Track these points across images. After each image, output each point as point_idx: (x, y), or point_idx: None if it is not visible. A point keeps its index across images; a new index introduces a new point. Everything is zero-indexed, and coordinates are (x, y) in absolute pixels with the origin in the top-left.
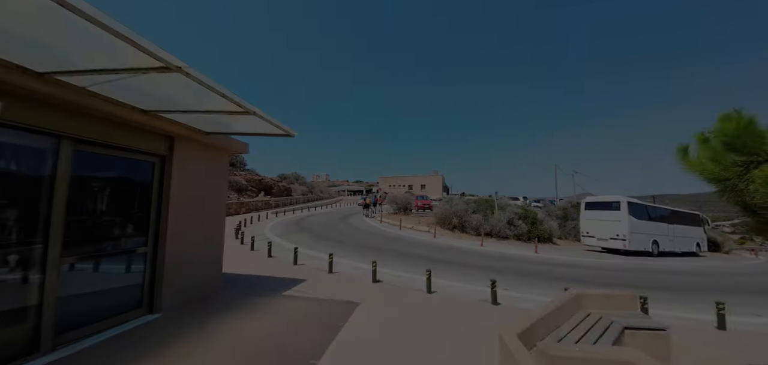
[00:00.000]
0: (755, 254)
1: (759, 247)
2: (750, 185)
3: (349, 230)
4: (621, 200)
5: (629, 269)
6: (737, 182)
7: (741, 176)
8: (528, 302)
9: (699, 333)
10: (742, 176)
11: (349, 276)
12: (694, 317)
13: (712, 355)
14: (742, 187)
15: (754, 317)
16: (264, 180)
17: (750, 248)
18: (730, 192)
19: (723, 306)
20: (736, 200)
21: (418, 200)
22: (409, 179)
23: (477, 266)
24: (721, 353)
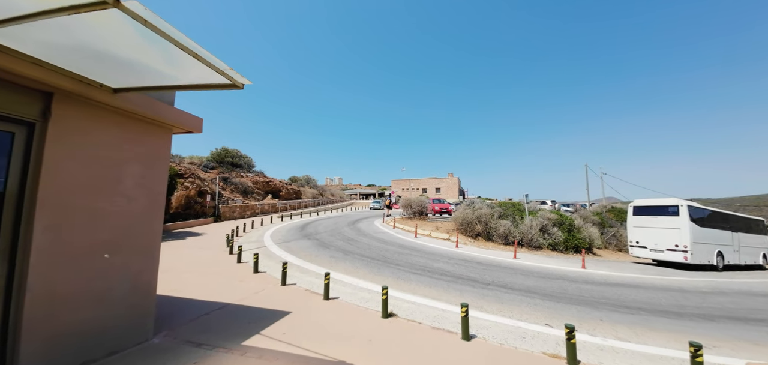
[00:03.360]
0: None
1: None
2: None
3: (357, 237)
4: (680, 204)
5: (709, 290)
6: None
7: None
8: (619, 356)
9: None
10: None
11: (351, 306)
12: None
13: None
14: None
15: None
16: (272, 182)
17: None
18: None
19: None
20: None
21: (434, 204)
22: (423, 182)
23: (520, 289)
24: None
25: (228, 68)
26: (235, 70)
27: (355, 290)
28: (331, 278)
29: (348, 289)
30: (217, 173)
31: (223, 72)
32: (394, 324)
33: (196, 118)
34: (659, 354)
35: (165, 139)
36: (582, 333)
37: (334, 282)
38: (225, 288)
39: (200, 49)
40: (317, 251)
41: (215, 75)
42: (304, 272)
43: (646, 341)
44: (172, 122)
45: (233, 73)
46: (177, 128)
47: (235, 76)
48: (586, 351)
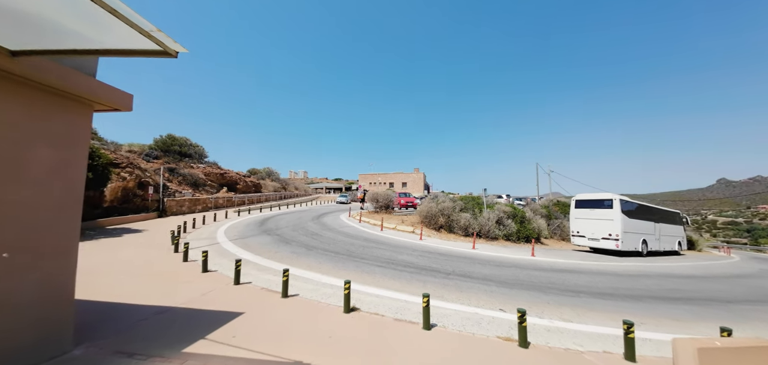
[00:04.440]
0: (727, 252)
1: (726, 245)
2: None
3: (322, 231)
4: (613, 198)
5: (637, 274)
6: None
7: None
8: (564, 335)
9: None
10: None
11: (312, 303)
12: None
13: None
14: None
15: None
16: (227, 174)
17: (714, 245)
18: None
19: None
20: None
21: (400, 198)
22: (390, 176)
23: (478, 278)
24: None
25: (155, 30)
26: (166, 34)
27: (317, 286)
28: (291, 274)
29: (309, 286)
30: (162, 163)
31: (149, 34)
32: (356, 318)
33: (125, 93)
34: (598, 333)
35: (84, 116)
36: (532, 316)
37: (295, 279)
38: (167, 291)
39: (120, 3)
40: (277, 247)
41: (141, 39)
42: (262, 269)
43: (587, 321)
44: (92, 97)
45: (163, 37)
46: (99, 104)
47: (165, 40)
48: (536, 333)
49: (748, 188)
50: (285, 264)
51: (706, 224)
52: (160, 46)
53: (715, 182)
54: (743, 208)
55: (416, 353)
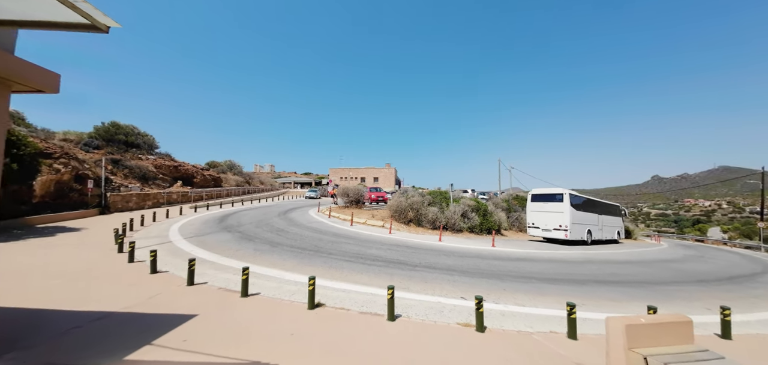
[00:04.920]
0: (658, 240)
1: (656, 234)
2: None
3: (288, 227)
4: (563, 192)
5: (584, 260)
6: None
7: None
8: (516, 318)
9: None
10: None
11: (274, 301)
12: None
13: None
14: None
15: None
16: (183, 167)
17: (647, 234)
18: None
19: (729, 311)
20: None
21: (371, 193)
22: (361, 171)
23: (443, 268)
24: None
25: (83, 1)
26: (94, 6)
27: (280, 283)
28: (253, 273)
29: (272, 284)
30: (105, 154)
31: (74, 5)
32: (321, 314)
33: (49, 72)
34: (546, 315)
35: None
36: (489, 302)
37: (257, 277)
38: (108, 295)
39: None
40: (238, 244)
41: (65, 10)
42: (220, 268)
43: (538, 304)
44: (8, 75)
45: (90, 9)
46: (18, 83)
47: (93, 13)
48: (492, 318)
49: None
50: (246, 262)
51: (642, 215)
52: (87, 20)
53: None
54: (672, 202)
55: (379, 344)
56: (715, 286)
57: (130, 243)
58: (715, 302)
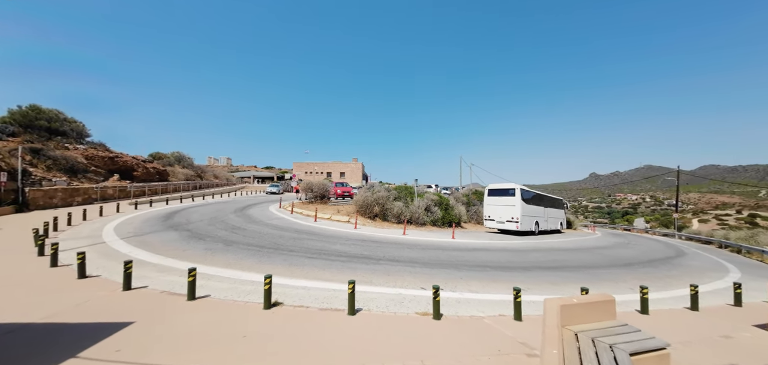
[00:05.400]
0: (593, 230)
1: (592, 224)
2: None
3: (246, 224)
4: (516, 188)
5: (531, 249)
6: None
7: None
8: (470, 304)
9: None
10: None
11: (226, 303)
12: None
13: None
14: None
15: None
16: (120, 159)
17: (585, 225)
18: None
19: (647, 289)
20: None
21: (337, 188)
22: (327, 165)
23: (405, 261)
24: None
25: None
26: None
27: (234, 284)
28: (203, 274)
29: (225, 285)
30: (21, 142)
31: None
32: (278, 313)
33: None
34: (496, 300)
35: None
36: (447, 291)
37: (207, 278)
38: (25, 304)
39: None
40: (187, 244)
41: None
42: (164, 270)
43: (490, 291)
44: None
45: None
46: None
47: None
48: (449, 305)
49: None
50: (195, 263)
51: (581, 208)
52: None
53: (588, 176)
54: (606, 196)
55: (338, 339)
56: (638, 268)
57: (53, 245)
58: (637, 282)
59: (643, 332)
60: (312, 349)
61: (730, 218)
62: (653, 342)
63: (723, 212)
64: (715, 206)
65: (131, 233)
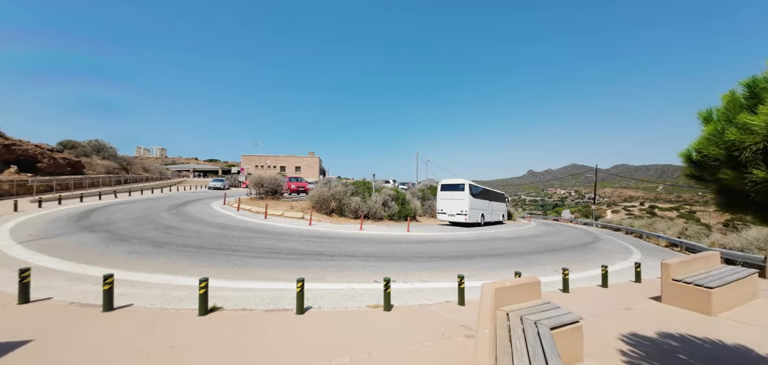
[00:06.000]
0: (529, 220)
1: (529, 215)
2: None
3: (182, 223)
4: (465, 183)
5: (477, 239)
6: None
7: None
8: (420, 294)
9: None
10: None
11: (152, 311)
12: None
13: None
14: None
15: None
16: (18, 147)
17: (523, 216)
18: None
19: (567, 271)
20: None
21: (291, 183)
22: (281, 159)
23: (361, 256)
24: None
25: None
26: None
27: (165, 290)
28: (126, 281)
29: (154, 291)
30: None
31: None
32: (215, 319)
33: None
34: (444, 287)
35: None
36: (399, 282)
37: (131, 286)
38: None
39: None
40: (106, 247)
41: None
42: (75, 278)
43: (439, 279)
44: None
45: None
46: None
47: None
48: (400, 296)
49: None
50: (115, 269)
51: (520, 202)
52: None
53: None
54: (540, 190)
55: (283, 340)
56: (562, 253)
57: None
58: (561, 265)
59: (562, 309)
60: (252, 353)
61: (635, 209)
62: (569, 317)
63: (630, 204)
64: (624, 199)
65: (33, 235)
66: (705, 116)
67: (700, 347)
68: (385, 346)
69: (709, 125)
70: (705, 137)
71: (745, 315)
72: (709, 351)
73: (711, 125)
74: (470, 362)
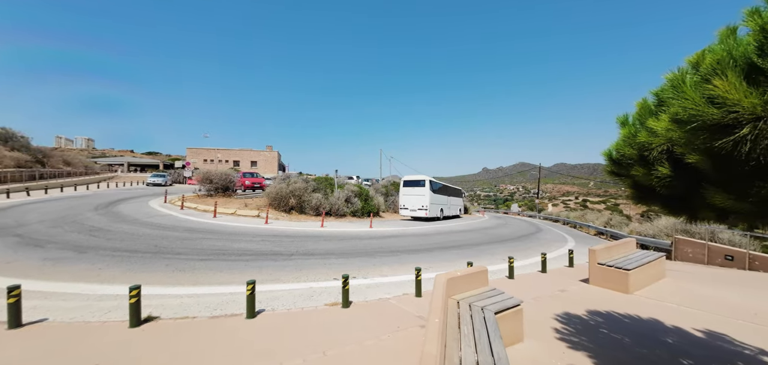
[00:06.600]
0: (483, 214)
1: (483, 209)
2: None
3: (112, 224)
4: (425, 179)
5: (436, 232)
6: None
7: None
8: (380, 288)
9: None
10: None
11: (71, 326)
12: (500, 267)
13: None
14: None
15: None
16: None
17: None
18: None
19: (513, 259)
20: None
21: (244, 178)
22: (235, 153)
23: (321, 254)
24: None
25: None
26: None
27: (88, 301)
28: (38, 292)
29: (75, 303)
30: None
31: None
32: (150, 330)
33: None
34: (402, 281)
35: None
36: (359, 278)
37: (46, 297)
38: None
39: None
40: (15, 254)
41: None
42: None
43: (399, 273)
44: None
45: None
46: None
47: None
48: (359, 292)
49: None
50: (25, 279)
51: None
52: None
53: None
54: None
55: (230, 346)
56: (510, 243)
57: None
58: (508, 254)
59: (506, 294)
60: (191, 362)
61: (571, 203)
62: (512, 301)
63: (567, 198)
64: (563, 193)
65: None
66: (622, 120)
67: (619, 321)
68: (341, 343)
69: (625, 129)
70: (622, 139)
71: (655, 292)
72: (626, 325)
73: (626, 128)
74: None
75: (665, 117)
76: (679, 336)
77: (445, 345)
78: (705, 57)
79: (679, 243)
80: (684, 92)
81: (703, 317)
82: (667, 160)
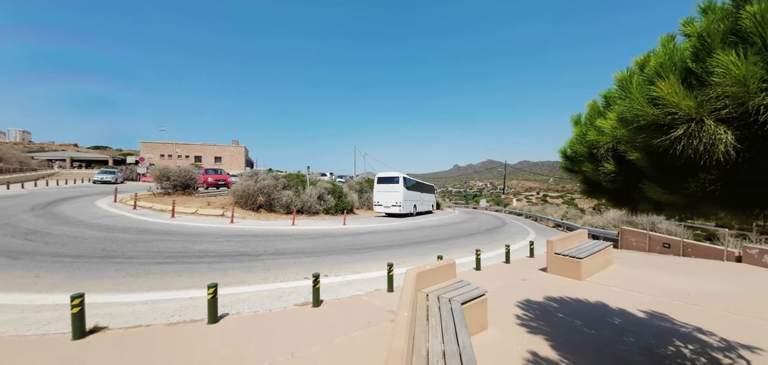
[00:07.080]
0: (454, 209)
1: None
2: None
3: (52, 226)
4: (399, 176)
5: (409, 228)
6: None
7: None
8: (352, 285)
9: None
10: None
11: (3, 340)
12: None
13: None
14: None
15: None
16: None
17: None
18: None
19: (480, 251)
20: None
21: (207, 175)
22: (197, 148)
23: (291, 253)
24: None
25: None
26: None
27: (24, 313)
28: None
29: (7, 315)
30: None
31: None
32: (95, 342)
33: None
34: (375, 277)
35: None
36: (331, 276)
37: None
38: None
39: None
40: None
41: None
42: None
43: (371, 269)
44: None
45: None
46: None
47: None
48: (331, 290)
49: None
50: None
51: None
52: None
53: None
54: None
55: (190, 354)
56: (478, 236)
57: None
58: (475, 246)
59: (472, 285)
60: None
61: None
62: (477, 291)
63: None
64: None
65: None
66: (575, 119)
67: (573, 305)
68: (310, 343)
69: (577, 127)
70: (575, 137)
71: (603, 278)
72: (578, 309)
73: (579, 127)
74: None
75: (612, 115)
76: (623, 317)
77: (413, 337)
78: (650, 59)
79: (625, 233)
80: (631, 93)
81: (644, 299)
82: (613, 157)
